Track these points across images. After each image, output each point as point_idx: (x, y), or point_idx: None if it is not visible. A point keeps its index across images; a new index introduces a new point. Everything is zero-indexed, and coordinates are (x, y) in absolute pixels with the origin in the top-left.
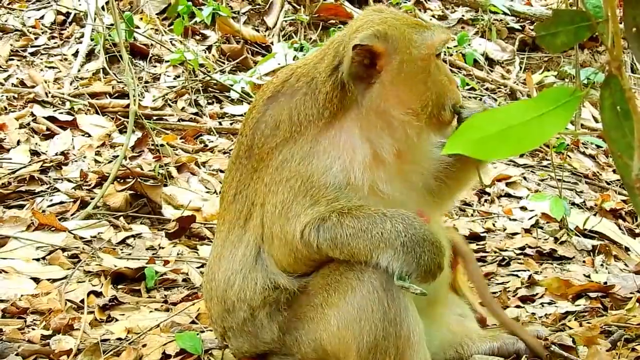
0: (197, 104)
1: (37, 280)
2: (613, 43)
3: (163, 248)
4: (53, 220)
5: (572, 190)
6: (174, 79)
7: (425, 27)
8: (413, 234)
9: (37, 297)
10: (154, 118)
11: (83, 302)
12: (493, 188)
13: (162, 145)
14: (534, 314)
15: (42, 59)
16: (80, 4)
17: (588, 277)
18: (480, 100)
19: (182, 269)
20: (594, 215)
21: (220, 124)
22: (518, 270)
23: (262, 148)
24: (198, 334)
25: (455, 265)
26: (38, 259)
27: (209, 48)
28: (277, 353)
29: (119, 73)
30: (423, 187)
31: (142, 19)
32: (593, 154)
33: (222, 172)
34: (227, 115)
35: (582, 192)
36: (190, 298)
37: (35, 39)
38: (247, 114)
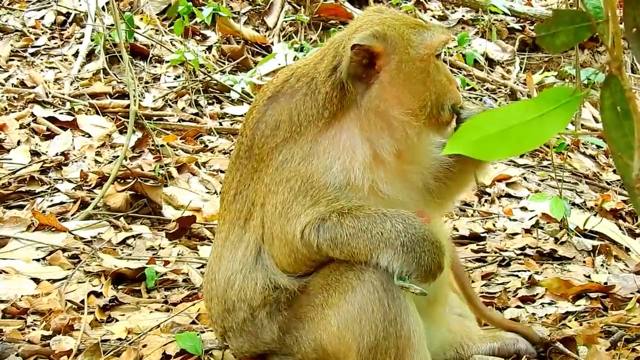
0: (197, 105)
1: (37, 281)
2: (613, 43)
3: (163, 248)
4: (53, 221)
5: (572, 191)
6: (174, 80)
7: (425, 27)
8: (413, 234)
9: (37, 297)
10: (154, 118)
11: (83, 302)
12: (493, 188)
13: (162, 146)
14: (534, 314)
15: (42, 60)
16: (81, 5)
17: (588, 277)
18: (480, 101)
19: (182, 270)
20: (594, 216)
21: (221, 125)
22: (518, 271)
23: (262, 148)
24: (198, 335)
25: None
26: (38, 260)
27: (209, 48)
28: (277, 353)
29: (119, 73)
30: (423, 187)
31: (142, 20)
32: (593, 154)
33: (222, 172)
34: (227, 116)
35: (582, 192)
36: (191, 298)
37: (36, 40)
38: (247, 114)
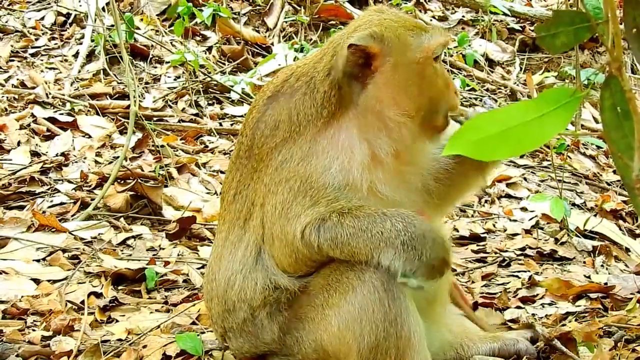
0: (197, 105)
1: (37, 281)
2: (613, 44)
3: (163, 249)
4: (53, 221)
5: (572, 191)
6: (175, 80)
7: (424, 29)
8: (413, 232)
9: (37, 298)
10: (155, 119)
11: (83, 303)
12: (493, 189)
13: (162, 146)
14: (535, 315)
15: (42, 60)
16: (81, 5)
17: (588, 277)
18: (481, 101)
19: (182, 270)
20: (595, 216)
21: (221, 125)
22: (518, 271)
23: (261, 148)
24: (198, 335)
25: None
26: (38, 260)
27: (210, 49)
28: (277, 354)
29: (120, 74)
30: (423, 188)
31: (142, 20)
32: (593, 155)
33: (222, 173)
34: (227, 116)
35: (582, 192)
36: (191, 299)
37: (36, 40)
38: (247, 114)
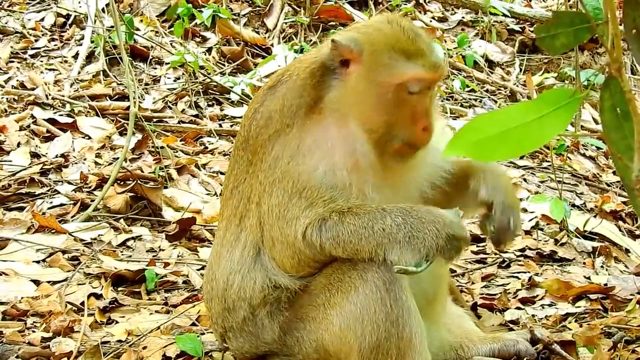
0: (197, 106)
1: (37, 283)
2: (613, 45)
3: (163, 250)
4: (53, 223)
5: (572, 192)
6: (174, 81)
7: (413, 57)
8: (412, 223)
9: (37, 299)
10: (154, 120)
11: (83, 304)
12: None
13: (162, 148)
14: (535, 316)
15: (42, 61)
16: (81, 6)
17: (588, 278)
18: (481, 102)
19: (182, 271)
20: (594, 217)
21: (221, 126)
22: (518, 272)
23: (256, 139)
24: (198, 336)
25: None
26: (38, 261)
27: (209, 50)
28: (277, 354)
29: (119, 75)
30: (419, 195)
31: (142, 21)
32: (593, 156)
33: (222, 174)
34: (227, 117)
35: (582, 193)
36: (191, 300)
37: (36, 41)
38: (249, 105)
